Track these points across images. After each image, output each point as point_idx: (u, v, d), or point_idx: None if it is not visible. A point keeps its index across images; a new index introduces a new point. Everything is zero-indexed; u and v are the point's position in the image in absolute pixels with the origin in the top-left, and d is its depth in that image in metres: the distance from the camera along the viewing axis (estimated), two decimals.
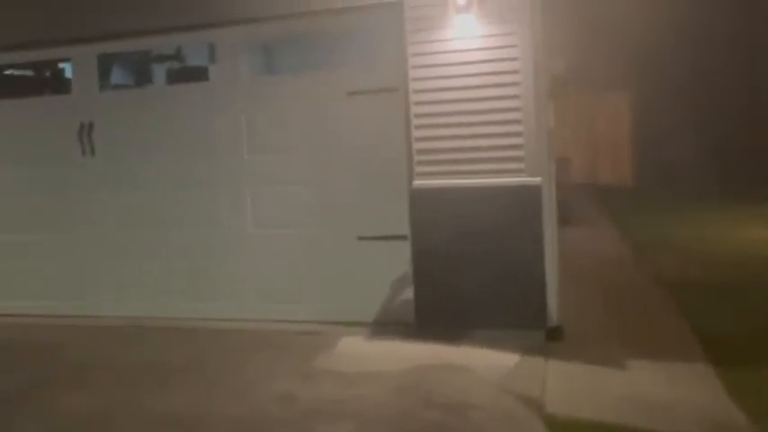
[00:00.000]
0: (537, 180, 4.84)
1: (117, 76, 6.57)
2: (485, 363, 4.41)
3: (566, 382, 4.11)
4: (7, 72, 6.77)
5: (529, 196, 4.85)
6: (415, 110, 5.08)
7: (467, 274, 4.98)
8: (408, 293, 5.21)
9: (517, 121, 4.86)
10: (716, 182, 12.96)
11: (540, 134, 4.84)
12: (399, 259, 5.22)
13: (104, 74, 6.24)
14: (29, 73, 6.87)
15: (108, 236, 6.04)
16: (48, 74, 6.79)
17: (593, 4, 11.76)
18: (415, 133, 5.10)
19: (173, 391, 4.26)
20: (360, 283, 5.34)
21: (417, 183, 5.12)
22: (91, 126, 6.00)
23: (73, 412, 4.00)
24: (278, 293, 5.59)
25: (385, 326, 5.21)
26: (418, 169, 5.11)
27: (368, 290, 5.30)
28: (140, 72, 6.67)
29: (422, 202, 5.11)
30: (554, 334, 4.81)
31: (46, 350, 5.25)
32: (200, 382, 4.38)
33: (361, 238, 5.36)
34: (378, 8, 5.15)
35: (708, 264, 7.30)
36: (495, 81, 4.88)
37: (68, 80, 6.29)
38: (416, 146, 5.10)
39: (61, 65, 6.52)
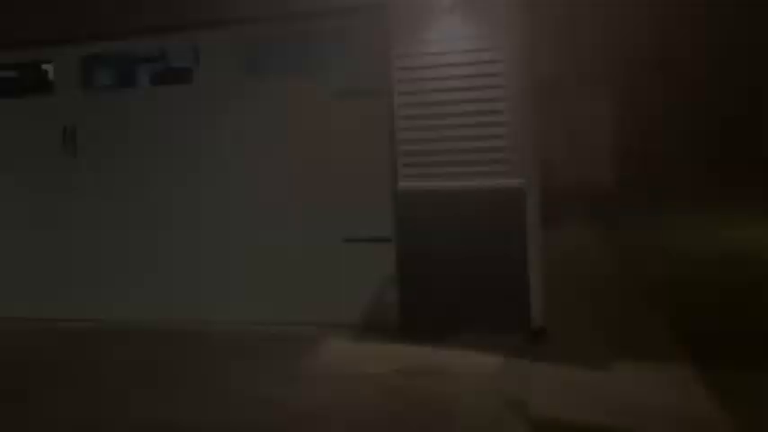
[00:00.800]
0: (521, 182, 4.86)
1: (100, 77, 6.50)
2: (469, 365, 4.41)
3: (550, 384, 4.12)
4: None
5: (513, 198, 4.86)
6: (399, 111, 5.09)
7: (451, 277, 5.00)
8: (393, 296, 5.21)
9: (501, 123, 4.88)
10: (703, 182, 13.03)
11: (523, 136, 4.86)
12: (385, 261, 5.22)
13: (87, 76, 6.18)
14: (11, 74, 6.78)
15: (90, 238, 5.99)
16: (30, 75, 6.71)
17: (577, 6, 11.80)
18: (400, 135, 5.10)
19: (155, 396, 4.22)
20: (345, 285, 5.33)
21: (402, 185, 5.12)
22: (74, 128, 5.96)
23: (55, 419, 3.96)
24: (263, 296, 5.56)
25: (370, 328, 5.21)
26: (403, 171, 5.11)
27: (353, 292, 5.30)
28: (124, 74, 6.60)
29: (407, 205, 5.11)
30: (538, 336, 4.82)
31: (29, 354, 5.19)
32: (182, 387, 4.35)
33: (346, 240, 5.36)
34: (363, 10, 5.15)
35: (694, 265, 7.34)
36: (479, 83, 4.90)
37: (51, 82, 6.23)
38: (401, 148, 5.10)
39: (45, 66, 6.44)
